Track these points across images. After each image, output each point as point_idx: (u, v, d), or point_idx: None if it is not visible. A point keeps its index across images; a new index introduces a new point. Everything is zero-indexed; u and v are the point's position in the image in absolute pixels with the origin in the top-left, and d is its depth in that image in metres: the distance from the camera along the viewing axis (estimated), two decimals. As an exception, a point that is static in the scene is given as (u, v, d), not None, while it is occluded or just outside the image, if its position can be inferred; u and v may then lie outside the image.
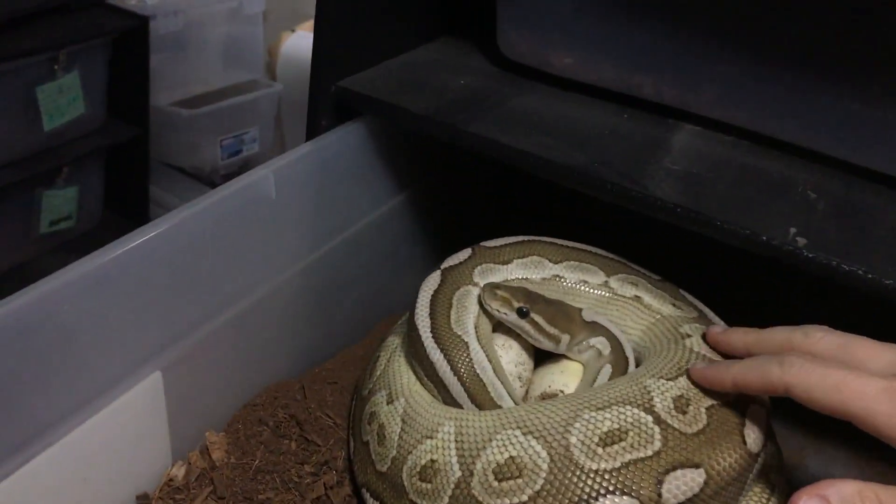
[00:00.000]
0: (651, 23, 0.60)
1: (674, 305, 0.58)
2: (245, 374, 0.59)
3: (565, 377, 0.55)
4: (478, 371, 0.52)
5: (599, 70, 0.64)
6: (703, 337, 0.53)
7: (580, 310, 0.57)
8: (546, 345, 0.55)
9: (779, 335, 0.48)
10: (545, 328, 0.54)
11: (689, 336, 0.53)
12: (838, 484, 0.39)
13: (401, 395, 0.53)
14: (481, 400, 0.51)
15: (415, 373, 0.55)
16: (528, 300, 0.54)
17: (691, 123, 0.63)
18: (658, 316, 0.57)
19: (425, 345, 0.53)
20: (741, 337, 0.51)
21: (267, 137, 1.63)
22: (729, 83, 0.60)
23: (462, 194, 0.81)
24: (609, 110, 0.64)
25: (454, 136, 0.58)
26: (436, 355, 0.52)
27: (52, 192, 1.38)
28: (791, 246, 0.49)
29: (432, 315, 0.54)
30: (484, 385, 0.51)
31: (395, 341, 0.59)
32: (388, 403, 0.53)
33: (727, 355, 0.51)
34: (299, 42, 1.62)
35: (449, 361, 0.52)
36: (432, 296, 0.56)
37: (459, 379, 0.51)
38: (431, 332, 0.53)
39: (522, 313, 0.54)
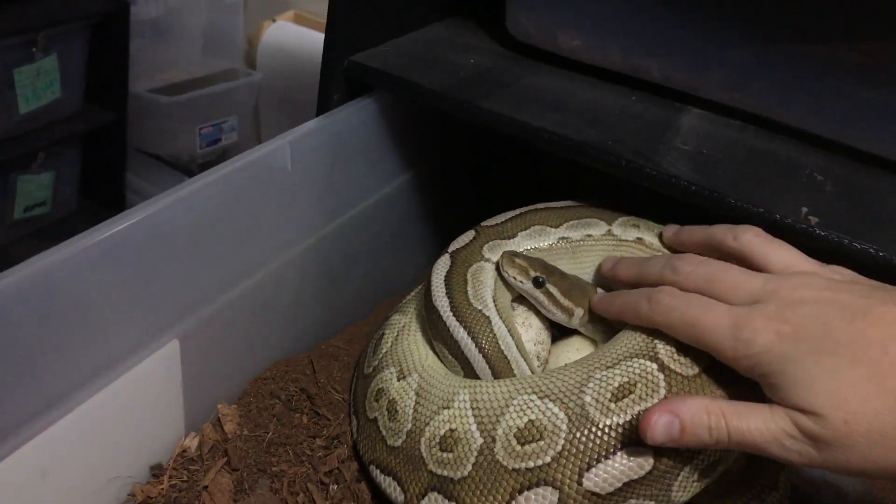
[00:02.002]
0: (659, 6, 0.61)
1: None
2: (256, 347, 0.59)
3: (581, 355, 0.56)
4: (502, 347, 0.52)
5: (608, 53, 0.65)
6: None
7: (596, 287, 0.57)
8: (559, 317, 0.56)
9: (655, 269, 0.51)
10: (559, 300, 0.55)
11: None
12: (687, 400, 0.42)
13: (413, 370, 0.53)
14: (505, 375, 0.51)
15: (437, 353, 0.55)
16: (545, 271, 0.55)
17: (698, 107, 0.64)
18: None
19: (448, 323, 0.53)
20: (627, 269, 0.55)
21: (246, 126, 1.61)
22: (736, 68, 0.61)
23: (467, 174, 0.81)
24: (617, 92, 0.64)
25: (469, 113, 0.58)
26: (459, 333, 0.52)
27: (26, 177, 1.35)
28: (804, 224, 0.50)
29: (449, 294, 0.54)
30: (507, 361, 0.52)
31: (401, 320, 0.59)
32: (398, 380, 0.53)
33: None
34: (279, 32, 1.61)
35: (473, 338, 0.52)
36: (445, 276, 0.56)
37: (484, 355, 0.52)
38: (451, 310, 0.53)
39: (538, 283, 0.54)
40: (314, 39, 1.53)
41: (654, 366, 0.46)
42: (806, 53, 0.57)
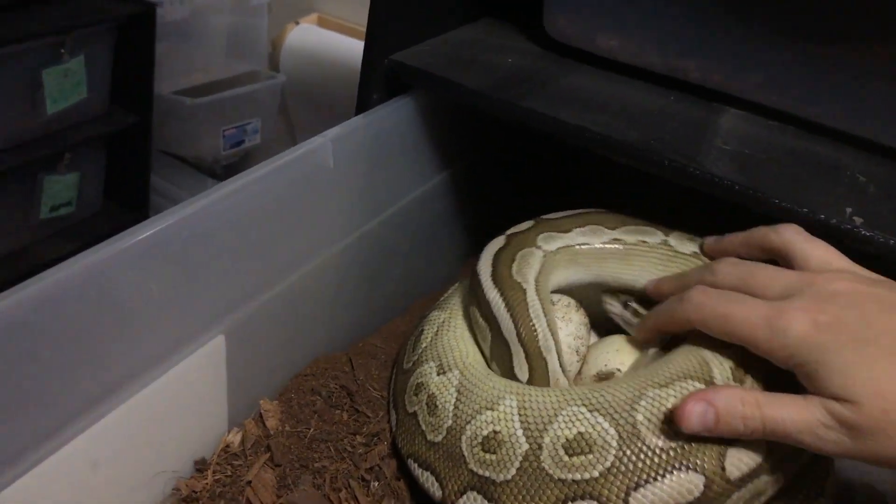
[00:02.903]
0: (697, 7, 0.61)
1: None
2: (297, 343, 0.59)
3: (621, 356, 0.56)
4: (531, 316, 0.52)
5: (645, 53, 0.65)
6: None
7: None
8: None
9: (694, 276, 0.52)
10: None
11: None
12: (722, 390, 0.43)
13: (454, 366, 0.53)
14: (529, 344, 0.52)
15: (471, 318, 0.56)
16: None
17: (736, 107, 0.64)
18: None
19: (483, 285, 0.55)
20: (669, 284, 0.55)
21: (269, 129, 1.62)
22: (774, 68, 0.61)
23: (501, 173, 0.81)
24: (655, 92, 0.64)
25: (510, 112, 0.59)
26: (492, 294, 0.54)
27: (53, 178, 1.36)
28: (849, 225, 0.50)
29: (494, 265, 0.56)
30: (535, 330, 0.52)
31: (440, 315, 0.59)
32: (438, 374, 0.53)
33: None
34: (303, 35, 1.62)
35: (505, 300, 0.53)
36: (496, 251, 0.57)
37: (512, 317, 0.52)
38: (491, 276, 0.55)
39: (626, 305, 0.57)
40: (337, 42, 1.54)
41: None
42: (845, 54, 0.57)
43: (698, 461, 0.44)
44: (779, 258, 0.50)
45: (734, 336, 0.45)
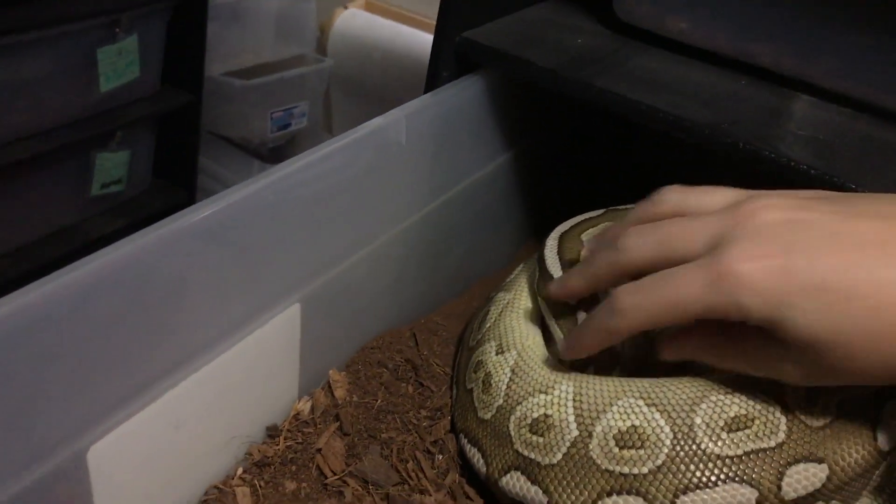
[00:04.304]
0: (770, -10, 0.60)
1: None
2: (365, 317, 0.60)
3: None
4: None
5: (716, 36, 0.64)
6: None
7: None
8: None
9: (601, 263, 0.45)
10: None
11: None
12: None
13: (512, 347, 0.53)
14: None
15: (535, 300, 0.56)
16: None
17: (808, 94, 0.63)
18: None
19: (546, 244, 0.56)
20: (576, 281, 0.48)
21: (316, 113, 1.63)
22: (848, 55, 0.60)
23: (566, 155, 0.81)
24: (726, 76, 0.64)
25: (582, 92, 0.59)
26: (549, 244, 0.55)
27: (105, 155, 1.38)
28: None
29: (561, 235, 0.57)
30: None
31: (505, 297, 0.59)
32: (497, 354, 0.53)
33: None
34: (351, 19, 1.62)
35: (559, 253, 0.54)
36: (568, 228, 0.58)
37: (562, 264, 0.53)
38: (557, 236, 0.56)
39: None
40: (385, 27, 1.54)
41: (778, 407, 0.44)
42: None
43: (755, 476, 0.42)
44: None
45: (684, 321, 0.40)
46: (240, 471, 0.51)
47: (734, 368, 0.43)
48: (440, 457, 0.54)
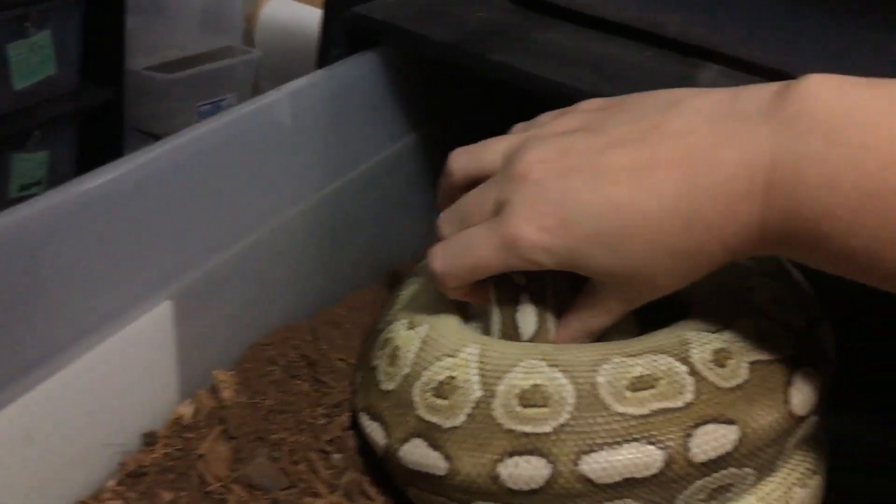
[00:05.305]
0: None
1: None
2: (254, 311, 0.56)
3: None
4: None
5: (622, 7, 0.62)
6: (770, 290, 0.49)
7: None
8: None
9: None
10: None
11: (752, 290, 0.49)
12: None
13: (425, 322, 0.50)
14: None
15: None
16: None
17: (717, 63, 0.61)
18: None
19: None
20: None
21: (245, 105, 1.58)
22: (757, 21, 0.59)
23: (476, 137, 0.78)
24: (631, 48, 0.62)
25: (480, 66, 0.56)
26: None
27: (22, 156, 1.33)
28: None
29: None
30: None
31: (418, 280, 0.56)
32: (407, 330, 0.50)
33: None
34: (277, 9, 1.59)
35: None
36: None
37: None
38: None
39: None
40: (312, 15, 1.51)
41: (684, 368, 0.43)
42: (829, 5, 0.55)
43: (661, 435, 0.40)
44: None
45: (489, 275, 0.44)
46: (112, 483, 0.47)
47: (590, 324, 0.46)
48: (337, 456, 0.51)
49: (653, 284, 0.41)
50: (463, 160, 0.48)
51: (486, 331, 0.50)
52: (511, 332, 0.48)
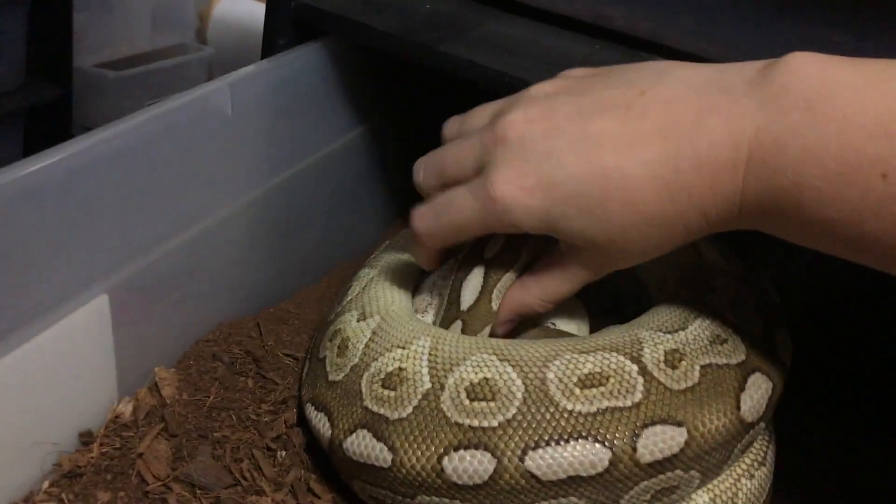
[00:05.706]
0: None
1: (720, 253, 0.53)
2: (197, 307, 0.55)
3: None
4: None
5: (571, 0, 0.62)
6: (731, 293, 0.49)
7: None
8: None
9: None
10: None
11: (714, 291, 0.49)
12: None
13: (376, 313, 0.49)
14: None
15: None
16: None
17: (663, 56, 0.61)
18: (696, 258, 0.53)
19: None
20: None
21: (198, 104, 1.56)
22: (704, 14, 0.59)
23: (428, 130, 0.77)
24: (579, 40, 0.61)
25: (425, 56, 0.55)
26: None
27: (-37, 155, 1.29)
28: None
29: None
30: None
31: (369, 273, 0.55)
32: (358, 321, 0.49)
33: None
34: (231, 5, 1.56)
35: None
36: None
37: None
38: None
39: None
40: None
41: (635, 367, 0.43)
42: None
43: (608, 434, 0.40)
44: None
45: (473, 237, 0.45)
46: (46, 484, 0.45)
47: (549, 288, 0.46)
48: (282, 453, 0.50)
49: (625, 252, 0.41)
50: (455, 127, 0.48)
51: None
52: (453, 300, 0.48)
